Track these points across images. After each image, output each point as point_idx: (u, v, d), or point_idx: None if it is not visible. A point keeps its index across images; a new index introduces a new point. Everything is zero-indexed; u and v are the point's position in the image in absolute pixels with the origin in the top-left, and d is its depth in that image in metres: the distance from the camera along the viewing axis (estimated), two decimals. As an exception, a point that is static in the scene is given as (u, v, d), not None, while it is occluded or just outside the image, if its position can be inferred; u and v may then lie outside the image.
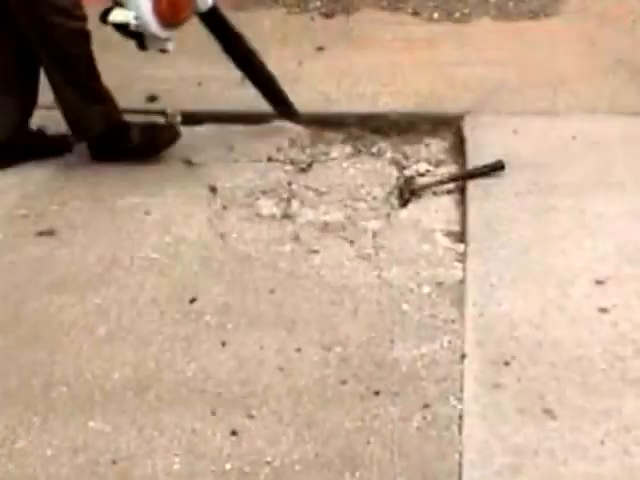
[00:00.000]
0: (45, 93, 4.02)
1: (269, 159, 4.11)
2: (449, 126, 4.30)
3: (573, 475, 2.53)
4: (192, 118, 4.40)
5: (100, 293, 3.29)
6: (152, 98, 4.52)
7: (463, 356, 2.94)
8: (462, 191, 3.82)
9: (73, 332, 3.12)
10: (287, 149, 4.17)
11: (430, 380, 2.87)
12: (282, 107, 4.28)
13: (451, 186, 3.87)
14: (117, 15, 3.75)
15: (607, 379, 2.82)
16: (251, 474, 2.59)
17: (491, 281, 3.25)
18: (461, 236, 3.54)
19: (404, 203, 3.79)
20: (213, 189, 3.88)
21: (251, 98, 4.42)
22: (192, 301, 3.24)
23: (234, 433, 2.72)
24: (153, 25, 3.77)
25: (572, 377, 2.83)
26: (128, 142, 4.05)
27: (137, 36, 3.84)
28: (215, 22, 4.08)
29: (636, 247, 3.39)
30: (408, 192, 3.84)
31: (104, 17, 3.78)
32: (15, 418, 2.79)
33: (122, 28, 3.80)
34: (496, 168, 3.86)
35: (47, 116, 4.16)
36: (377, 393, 2.83)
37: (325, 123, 4.33)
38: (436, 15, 5.44)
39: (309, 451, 2.65)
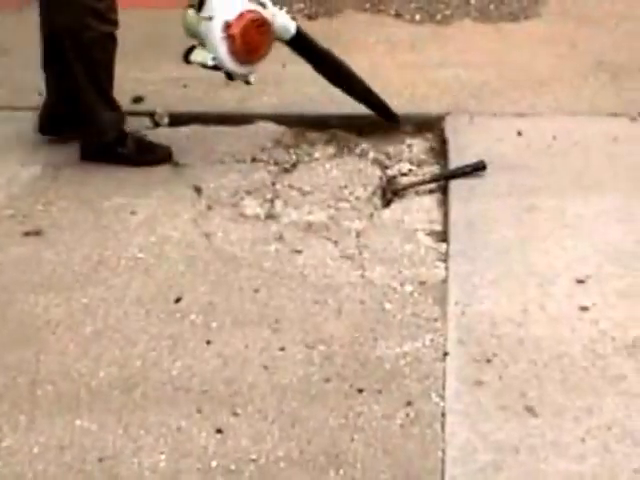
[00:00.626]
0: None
1: (253, 159, 4.13)
2: (431, 127, 4.33)
3: (554, 472, 2.56)
4: (177, 119, 4.42)
5: (86, 293, 3.30)
6: (137, 99, 4.54)
7: (445, 354, 2.97)
8: (444, 191, 3.85)
9: (59, 331, 3.13)
10: (271, 150, 4.19)
11: (413, 378, 2.89)
12: (383, 113, 4.31)
13: (433, 186, 3.90)
14: (197, 55, 3.95)
15: (588, 377, 2.85)
16: (236, 472, 2.61)
17: (473, 280, 3.28)
18: (443, 236, 3.57)
19: (387, 203, 3.82)
20: (198, 189, 3.90)
21: (235, 99, 4.44)
22: (177, 300, 3.26)
23: (219, 431, 2.73)
24: (230, 64, 3.92)
25: (553, 375, 2.86)
26: (124, 148, 4.09)
27: (221, 70, 3.99)
28: (302, 47, 4.15)
29: (616, 247, 3.42)
30: (391, 192, 3.87)
31: (186, 56, 3.97)
32: (1, 417, 2.80)
33: (205, 65, 3.95)
34: (478, 168, 3.89)
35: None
36: (361, 391, 2.85)
37: (309, 124, 4.35)
38: (418, 17, 5.46)
39: (294, 448, 2.67)
